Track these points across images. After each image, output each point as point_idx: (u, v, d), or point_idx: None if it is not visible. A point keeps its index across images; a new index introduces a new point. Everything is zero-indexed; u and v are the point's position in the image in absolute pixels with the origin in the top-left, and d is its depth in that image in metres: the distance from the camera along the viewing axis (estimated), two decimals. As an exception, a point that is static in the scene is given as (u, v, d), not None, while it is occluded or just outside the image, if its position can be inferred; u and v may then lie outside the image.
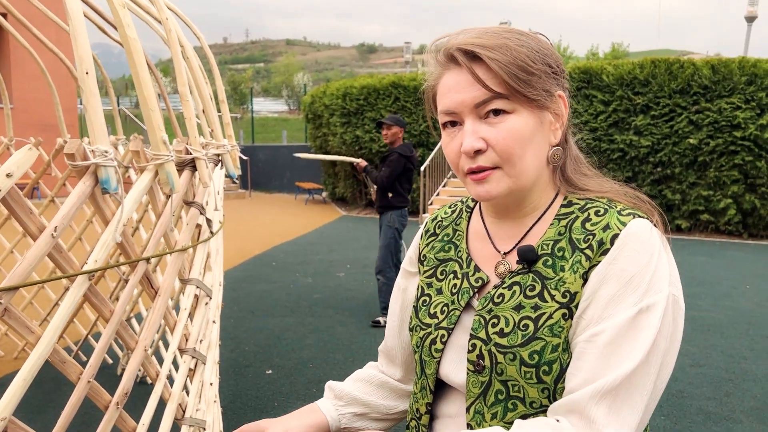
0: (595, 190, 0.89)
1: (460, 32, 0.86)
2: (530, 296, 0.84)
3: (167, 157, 1.46)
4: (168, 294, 1.63)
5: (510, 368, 0.82)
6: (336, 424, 1.03)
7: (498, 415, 0.84)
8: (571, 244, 0.84)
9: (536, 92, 0.82)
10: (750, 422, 3.30)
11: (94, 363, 1.37)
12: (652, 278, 0.77)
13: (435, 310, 0.94)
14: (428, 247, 1.03)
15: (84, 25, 1.30)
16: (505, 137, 0.81)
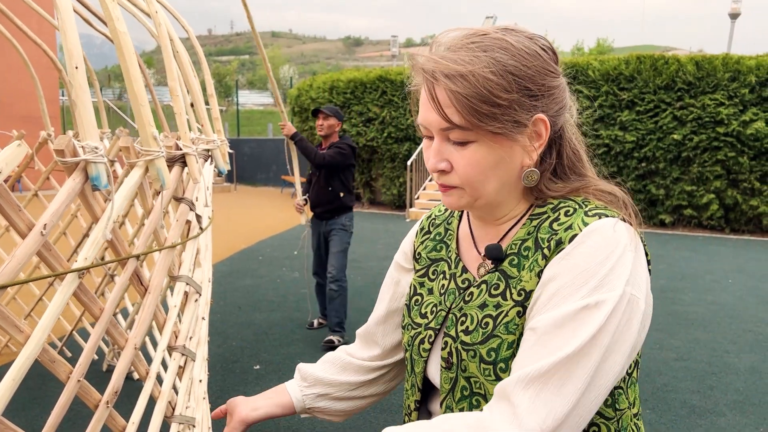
0: (575, 188, 0.87)
1: (445, 36, 0.83)
2: (494, 294, 0.85)
3: (158, 152, 1.44)
4: (158, 292, 1.62)
5: (471, 365, 0.83)
6: (300, 404, 1.07)
7: (464, 410, 0.85)
8: (536, 243, 0.83)
9: (500, 125, 0.78)
10: (733, 415, 3.36)
11: (83, 362, 1.35)
12: (607, 276, 0.75)
13: (426, 310, 0.95)
14: (422, 245, 1.03)
15: (73, 19, 1.27)
16: (465, 165, 0.81)
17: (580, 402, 0.72)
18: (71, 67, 1.24)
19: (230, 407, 1.06)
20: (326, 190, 4.41)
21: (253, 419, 1.03)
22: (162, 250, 1.66)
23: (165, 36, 1.64)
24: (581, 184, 0.88)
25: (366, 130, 12.21)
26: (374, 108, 12.08)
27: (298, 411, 1.07)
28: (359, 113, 12.25)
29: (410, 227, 1.15)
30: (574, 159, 0.90)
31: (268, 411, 1.05)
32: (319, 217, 4.51)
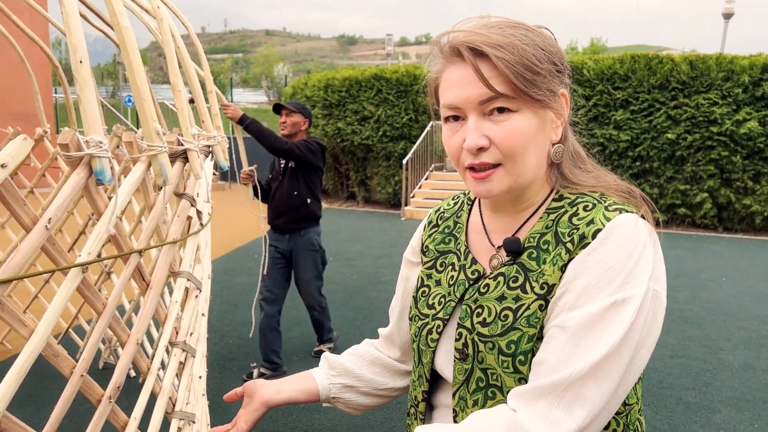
0: (589, 184, 0.89)
1: (465, 24, 0.85)
2: (513, 287, 0.85)
3: (161, 148, 1.44)
4: (160, 287, 1.61)
5: (489, 357, 0.83)
6: (326, 393, 1.07)
7: (479, 402, 0.86)
8: (556, 237, 0.84)
9: (541, 92, 0.82)
10: (728, 411, 3.38)
11: (87, 356, 1.34)
12: (632, 272, 0.77)
13: (433, 302, 0.95)
14: (430, 238, 1.04)
15: (77, 14, 1.27)
16: (508, 135, 0.81)
17: (611, 398, 0.74)
18: (75, 61, 1.24)
19: (249, 390, 1.04)
20: (290, 195, 3.73)
21: (276, 402, 1.03)
22: (164, 245, 1.66)
23: (167, 32, 1.64)
24: (594, 181, 0.90)
25: (361, 129, 12.21)
26: (369, 106, 12.07)
27: (322, 399, 1.07)
28: (354, 112, 12.24)
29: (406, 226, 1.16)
30: (575, 146, 0.93)
31: (292, 396, 1.05)
32: (280, 230, 3.79)
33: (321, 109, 12.63)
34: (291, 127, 3.78)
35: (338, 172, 13.58)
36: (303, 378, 1.08)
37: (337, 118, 12.44)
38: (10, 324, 1.18)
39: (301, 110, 3.82)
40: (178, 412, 1.86)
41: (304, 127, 3.85)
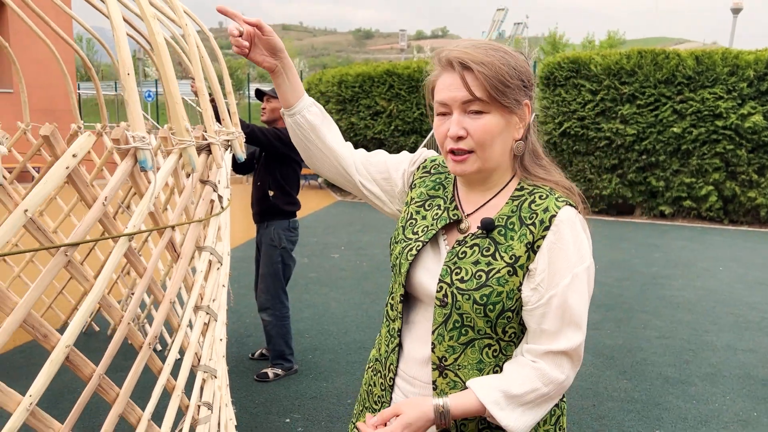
0: (543, 178, 1.20)
1: (461, 44, 1.16)
2: (486, 255, 1.15)
3: (190, 142, 1.78)
4: (188, 257, 1.95)
5: (465, 305, 1.13)
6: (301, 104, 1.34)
7: (454, 338, 1.16)
8: (520, 220, 1.15)
9: (508, 101, 1.12)
10: (704, 385, 3.66)
11: (132, 308, 1.68)
12: (579, 253, 1.11)
13: (417, 229, 1.25)
14: (421, 179, 1.33)
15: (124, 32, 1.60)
16: (481, 130, 1.12)
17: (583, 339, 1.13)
18: (124, 74, 1.58)
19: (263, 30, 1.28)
20: (255, 185, 3.66)
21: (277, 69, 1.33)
22: (191, 223, 1.99)
23: (193, 45, 1.97)
24: (547, 177, 1.21)
25: (374, 123, 12.51)
26: (382, 101, 12.37)
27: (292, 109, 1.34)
28: (367, 107, 12.55)
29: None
30: (535, 147, 1.24)
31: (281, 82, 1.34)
32: (254, 219, 3.79)
33: (335, 105, 12.95)
34: (270, 113, 3.63)
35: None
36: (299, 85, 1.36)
37: (350, 113, 12.76)
38: (76, 278, 1.52)
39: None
40: (203, 366, 2.20)
41: None
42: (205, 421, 2.20)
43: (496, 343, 1.14)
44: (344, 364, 3.91)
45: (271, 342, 3.69)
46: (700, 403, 3.42)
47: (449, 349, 1.15)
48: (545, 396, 1.10)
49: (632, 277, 6.37)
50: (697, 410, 3.33)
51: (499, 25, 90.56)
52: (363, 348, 4.19)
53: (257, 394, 3.46)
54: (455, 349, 1.15)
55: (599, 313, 5.06)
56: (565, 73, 10.60)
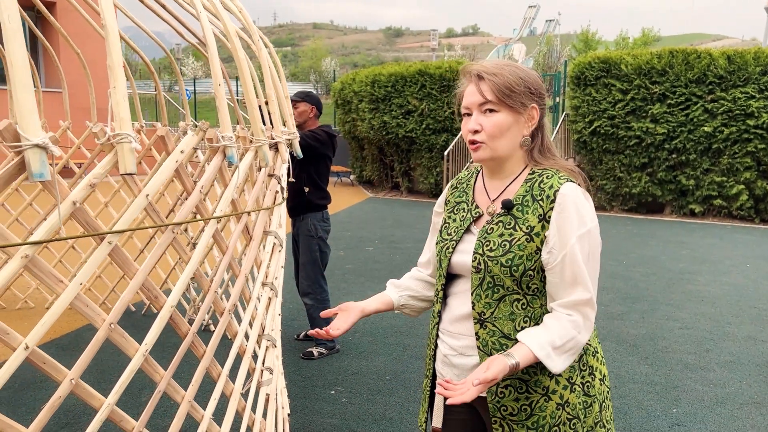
0: (550, 164, 1.49)
1: (479, 63, 1.48)
2: (508, 228, 1.44)
3: (264, 141, 2.11)
4: (259, 239, 2.29)
5: (495, 268, 1.43)
6: (398, 303, 1.71)
7: (489, 295, 1.45)
8: (533, 198, 1.43)
9: (514, 103, 1.41)
10: (722, 371, 3.87)
11: (217, 279, 2.02)
12: (581, 218, 1.39)
13: (451, 231, 1.57)
14: (452, 195, 1.65)
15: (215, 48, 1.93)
16: (490, 126, 1.42)
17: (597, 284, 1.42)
18: (216, 84, 1.91)
19: (344, 307, 1.64)
20: (291, 183, 3.98)
21: (369, 311, 1.63)
22: (260, 210, 2.33)
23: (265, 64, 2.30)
24: (555, 164, 1.50)
25: (405, 122, 12.80)
26: (413, 101, 12.65)
27: (395, 308, 1.71)
28: (399, 106, 12.84)
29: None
30: (547, 143, 1.53)
31: (377, 307, 1.66)
32: (290, 213, 3.99)
33: (368, 104, 13.28)
34: (298, 116, 3.89)
35: (383, 163, 14.22)
36: (382, 296, 1.71)
37: (383, 112, 13.07)
38: (177, 251, 1.86)
39: (305, 98, 3.95)
40: (267, 335, 2.54)
41: (312, 114, 3.98)
42: (268, 383, 2.54)
43: (522, 297, 1.43)
44: (382, 346, 4.23)
45: (314, 324, 4.03)
46: (717, 387, 3.64)
47: (486, 305, 1.45)
48: (579, 341, 1.39)
49: (659, 272, 6.54)
50: (714, 393, 3.55)
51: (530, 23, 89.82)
52: (398, 332, 4.51)
53: (304, 369, 3.80)
54: (491, 305, 1.45)
55: (625, 305, 5.28)
56: (595, 72, 10.73)
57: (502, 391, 1.46)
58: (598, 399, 1.50)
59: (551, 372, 1.37)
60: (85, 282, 1.42)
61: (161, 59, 54.39)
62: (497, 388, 1.46)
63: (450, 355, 1.55)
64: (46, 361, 1.39)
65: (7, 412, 1.41)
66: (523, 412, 1.45)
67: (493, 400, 1.47)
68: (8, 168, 1.21)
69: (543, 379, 1.44)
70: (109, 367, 3.66)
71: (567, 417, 1.45)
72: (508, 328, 1.43)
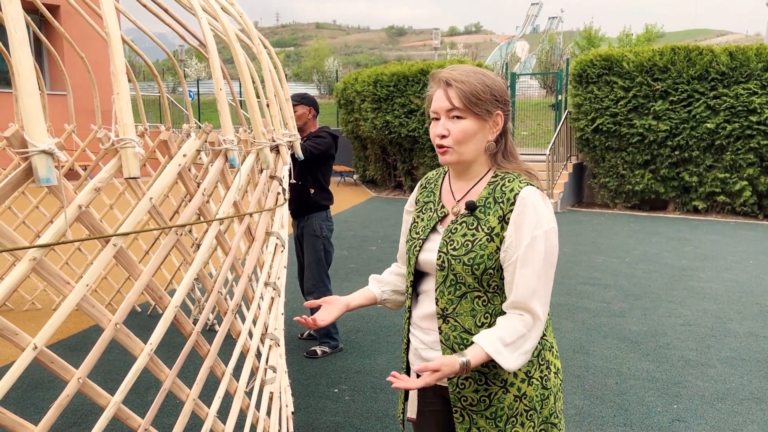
0: (512, 167, 1.55)
1: (451, 68, 1.52)
2: (471, 229, 1.50)
3: (265, 143, 2.15)
4: (261, 240, 2.32)
5: (457, 267, 1.49)
6: (380, 298, 1.77)
7: (451, 292, 1.51)
8: (494, 200, 1.49)
9: (480, 110, 1.46)
10: (723, 367, 3.90)
11: (220, 279, 2.06)
12: (538, 219, 1.44)
13: (419, 230, 1.63)
14: (421, 194, 1.71)
15: (216, 51, 1.97)
16: (457, 131, 1.47)
17: (550, 287, 1.47)
18: (217, 88, 1.95)
19: (329, 300, 1.70)
20: (296, 185, 3.80)
21: (353, 306, 1.70)
22: (262, 211, 2.36)
23: (265, 67, 2.34)
24: (517, 167, 1.56)
25: (408, 121, 12.83)
26: (416, 100, 12.67)
27: (378, 302, 1.77)
28: (402, 105, 12.87)
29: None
30: (510, 148, 1.58)
31: (361, 302, 1.73)
32: (293, 214, 4.07)
33: (370, 103, 13.31)
34: (298, 120, 3.91)
35: (386, 162, 14.25)
36: (364, 291, 1.77)
37: (385, 111, 13.11)
38: (181, 252, 1.90)
39: (301, 101, 3.97)
40: (270, 334, 2.58)
41: (311, 115, 4.01)
42: (271, 381, 2.58)
43: (483, 295, 1.49)
44: (384, 344, 4.27)
45: None
46: (718, 382, 3.66)
47: (449, 302, 1.52)
48: (529, 339, 1.43)
49: (661, 269, 6.56)
50: (715, 389, 3.57)
51: (533, 20, 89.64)
52: (401, 330, 4.54)
53: (308, 368, 3.84)
54: (453, 301, 1.52)
55: (627, 302, 5.30)
56: (597, 70, 10.74)
57: (462, 382, 1.53)
58: (553, 392, 1.57)
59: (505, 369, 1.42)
60: (91, 283, 1.45)
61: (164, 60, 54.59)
62: (458, 380, 1.53)
63: (420, 349, 1.62)
64: (54, 361, 1.43)
65: (16, 411, 1.45)
66: (482, 403, 1.52)
67: (454, 391, 1.54)
68: (16, 173, 1.25)
69: (502, 372, 1.51)
70: (116, 367, 3.71)
71: (524, 408, 1.52)
72: (469, 323, 1.50)
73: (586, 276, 6.22)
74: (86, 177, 4.65)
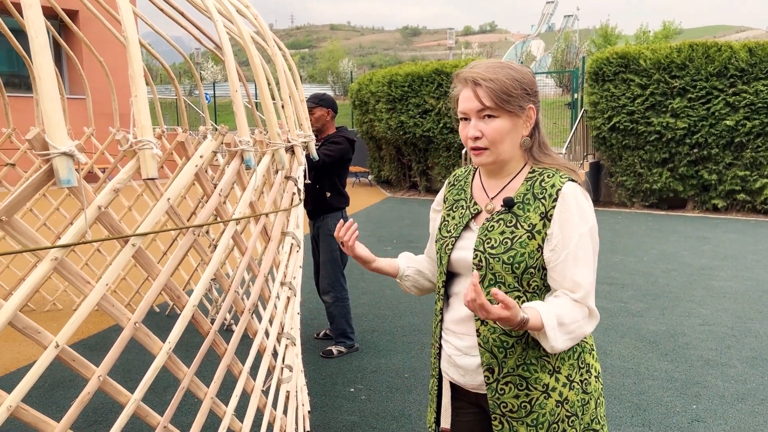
0: (549, 163, 1.52)
1: (475, 65, 1.48)
2: (509, 226, 1.46)
3: (281, 144, 2.16)
4: (277, 240, 2.34)
5: (497, 266, 1.45)
6: (402, 272, 1.74)
7: (490, 292, 1.46)
8: (534, 196, 1.46)
9: (512, 107, 1.43)
10: (743, 367, 3.84)
11: (237, 278, 2.08)
12: (582, 216, 1.42)
13: (450, 228, 1.59)
14: (450, 192, 1.68)
15: (231, 53, 1.99)
16: (491, 132, 1.44)
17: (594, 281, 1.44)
18: (232, 90, 1.97)
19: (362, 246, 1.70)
20: (313, 188, 3.94)
21: (376, 265, 1.71)
22: (278, 211, 2.38)
23: (280, 69, 2.36)
24: (553, 162, 1.53)
25: (422, 121, 12.82)
26: (430, 100, 12.66)
27: (398, 276, 1.75)
28: (416, 105, 12.86)
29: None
30: (543, 139, 1.55)
31: (383, 266, 1.72)
32: (309, 215, 4.14)
33: (385, 104, 13.32)
34: (316, 122, 3.98)
35: (401, 163, 14.25)
36: (391, 260, 1.77)
37: (400, 111, 13.10)
38: (198, 252, 1.92)
39: (319, 103, 3.98)
40: (286, 333, 2.60)
41: (329, 117, 4.03)
42: (287, 380, 2.59)
43: (523, 295, 1.45)
44: (400, 344, 4.27)
45: (334, 322, 4.12)
46: (738, 382, 3.62)
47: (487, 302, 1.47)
48: (583, 329, 1.40)
49: (680, 268, 6.49)
50: (735, 389, 3.53)
51: (548, 18, 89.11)
52: (417, 330, 4.55)
53: (324, 368, 3.86)
54: (492, 302, 1.43)
55: (645, 302, 5.25)
56: (613, 68, 10.64)
57: (502, 387, 1.47)
58: (593, 396, 1.52)
59: (547, 348, 1.37)
60: (111, 283, 1.48)
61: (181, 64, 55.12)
62: (497, 385, 1.47)
63: (454, 355, 1.56)
64: (76, 359, 1.45)
65: (39, 410, 1.48)
66: (523, 409, 1.46)
67: (493, 397, 1.48)
68: (38, 175, 1.27)
69: (543, 377, 1.46)
70: (135, 367, 3.76)
71: (566, 414, 1.47)
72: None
73: (604, 275, 6.17)
74: (105, 179, 4.71)
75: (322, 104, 4.00)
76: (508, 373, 1.44)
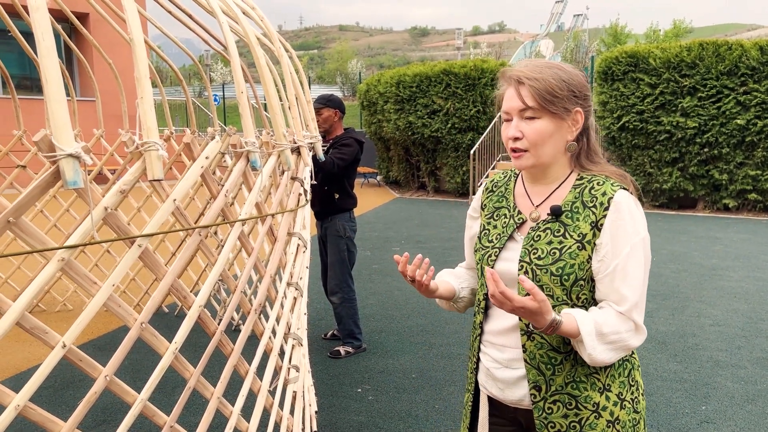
0: (598, 170, 1.43)
1: (520, 64, 1.42)
2: (557, 236, 1.36)
3: (287, 145, 2.17)
4: (283, 241, 2.35)
5: (544, 277, 1.35)
6: (459, 293, 1.64)
7: None
8: (583, 204, 1.36)
9: (557, 109, 1.33)
10: (753, 368, 3.81)
11: (243, 280, 2.09)
12: (635, 227, 1.33)
13: (492, 238, 1.51)
14: (488, 199, 1.57)
15: (237, 54, 2.00)
16: (532, 133, 1.35)
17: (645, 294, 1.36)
18: (238, 92, 1.97)
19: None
20: (321, 190, 3.96)
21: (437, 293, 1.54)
22: (284, 212, 2.39)
23: (286, 69, 2.37)
24: (601, 169, 1.45)
25: (431, 122, 12.81)
26: (438, 100, 12.65)
27: (454, 299, 1.63)
28: (424, 105, 12.85)
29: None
30: (593, 147, 1.44)
31: (443, 293, 1.57)
32: (316, 216, 4.15)
33: (393, 104, 13.33)
34: (323, 122, 4.00)
35: (409, 163, 14.25)
36: (445, 283, 1.61)
37: (408, 112, 13.10)
38: (204, 253, 1.93)
39: (327, 104, 4.00)
40: (293, 333, 2.60)
41: (337, 118, 4.05)
42: (294, 380, 2.60)
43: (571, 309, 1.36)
44: (408, 345, 4.27)
45: (342, 322, 4.13)
46: (748, 384, 3.58)
47: None
48: (625, 341, 1.33)
49: (690, 268, 6.44)
50: (745, 390, 3.50)
51: (557, 18, 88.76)
52: (424, 331, 4.54)
53: (331, 368, 3.87)
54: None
55: (655, 302, 5.22)
56: (623, 67, 10.59)
57: (550, 406, 1.39)
58: (642, 416, 1.45)
59: (585, 358, 1.31)
60: (118, 283, 1.49)
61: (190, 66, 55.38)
62: (545, 404, 1.40)
63: (494, 369, 1.49)
64: (83, 359, 1.47)
65: (47, 409, 1.50)
66: (572, 429, 1.39)
67: (540, 416, 1.40)
68: (45, 176, 1.29)
69: (593, 395, 1.38)
70: (143, 367, 3.78)
71: None
72: (557, 340, 1.37)
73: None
74: (113, 181, 4.75)
75: (329, 105, 4.01)
76: (557, 391, 1.38)
